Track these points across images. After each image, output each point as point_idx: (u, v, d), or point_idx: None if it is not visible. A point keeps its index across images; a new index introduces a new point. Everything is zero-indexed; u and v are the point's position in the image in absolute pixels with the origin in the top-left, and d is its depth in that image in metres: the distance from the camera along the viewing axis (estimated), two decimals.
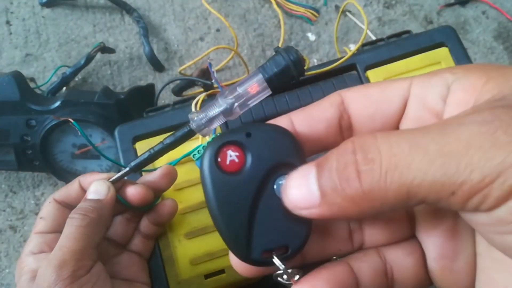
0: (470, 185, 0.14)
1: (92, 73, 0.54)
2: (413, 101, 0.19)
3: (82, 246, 0.27)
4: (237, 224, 0.18)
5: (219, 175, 0.18)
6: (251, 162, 0.18)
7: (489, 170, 0.14)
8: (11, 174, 0.50)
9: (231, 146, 0.18)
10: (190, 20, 0.55)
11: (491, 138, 0.14)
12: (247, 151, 0.18)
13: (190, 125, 0.30)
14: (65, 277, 0.25)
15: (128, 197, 0.31)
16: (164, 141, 0.31)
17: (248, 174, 0.18)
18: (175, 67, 0.54)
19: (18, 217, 0.49)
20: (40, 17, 0.56)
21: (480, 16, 0.54)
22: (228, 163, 0.18)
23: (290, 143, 0.19)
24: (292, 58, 0.29)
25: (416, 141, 0.15)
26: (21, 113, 0.44)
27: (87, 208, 0.29)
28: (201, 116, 0.29)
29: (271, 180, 0.18)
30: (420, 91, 0.19)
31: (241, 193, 0.18)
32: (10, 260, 0.47)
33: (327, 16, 0.55)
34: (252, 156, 0.18)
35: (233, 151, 0.18)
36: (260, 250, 0.18)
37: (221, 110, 0.29)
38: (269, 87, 0.29)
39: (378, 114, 0.20)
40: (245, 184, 0.18)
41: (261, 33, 0.54)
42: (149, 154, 0.31)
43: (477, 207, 0.15)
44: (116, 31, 0.55)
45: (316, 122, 0.20)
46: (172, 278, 0.34)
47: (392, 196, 0.15)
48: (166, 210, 0.33)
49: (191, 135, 0.31)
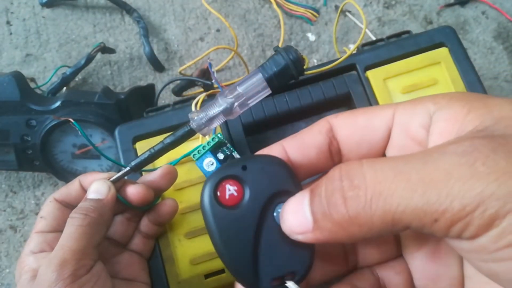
0: (451, 213, 0.15)
1: (92, 73, 0.54)
2: (397, 129, 0.20)
3: (83, 245, 0.27)
4: (243, 256, 0.18)
5: (219, 210, 0.18)
6: (250, 194, 0.18)
7: (469, 200, 0.15)
8: (11, 174, 0.50)
9: (229, 181, 0.18)
10: (190, 20, 0.56)
11: (470, 169, 0.15)
12: (245, 184, 0.18)
13: (190, 124, 0.30)
14: (65, 277, 0.25)
15: (128, 197, 0.31)
16: (164, 141, 0.31)
17: (248, 206, 0.18)
18: (175, 67, 0.54)
19: (18, 217, 0.49)
20: (40, 17, 0.56)
21: (480, 16, 0.54)
22: (228, 197, 0.18)
23: (284, 171, 0.19)
24: (292, 58, 0.29)
25: (399, 169, 0.16)
26: (21, 113, 0.44)
27: (87, 207, 0.29)
28: (201, 115, 0.29)
29: (271, 209, 0.19)
30: (403, 120, 0.20)
31: (243, 225, 0.18)
32: (11, 260, 0.47)
33: (327, 16, 0.55)
34: (250, 188, 0.18)
35: (231, 185, 0.18)
36: (268, 279, 0.18)
37: (221, 109, 0.29)
38: (269, 87, 0.29)
39: (364, 141, 0.20)
40: (246, 216, 0.18)
41: (261, 33, 0.54)
42: (149, 153, 0.31)
43: (460, 235, 0.15)
44: (116, 31, 0.55)
45: (307, 148, 0.21)
46: (172, 277, 0.34)
47: (378, 222, 0.16)
48: (167, 209, 0.33)
49: (191, 134, 0.31)
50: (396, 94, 0.37)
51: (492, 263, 0.15)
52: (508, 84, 0.51)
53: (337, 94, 0.38)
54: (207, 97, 0.38)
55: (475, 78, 0.38)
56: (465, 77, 0.38)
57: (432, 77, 0.38)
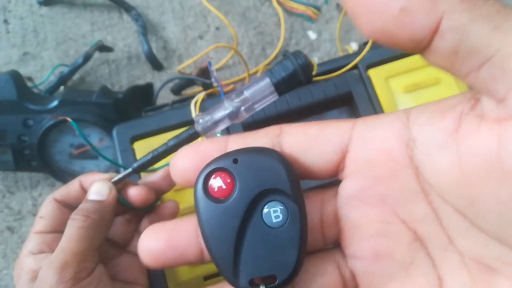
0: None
1: (90, 72, 0.53)
2: (357, 142, 0.18)
3: (84, 247, 0.27)
4: (225, 251, 0.17)
5: (208, 203, 0.18)
6: (238, 189, 0.18)
7: None
8: (8, 175, 0.50)
9: (220, 173, 0.18)
10: (189, 18, 0.55)
11: None
12: (235, 178, 0.18)
13: (196, 127, 0.29)
14: (67, 279, 0.25)
15: (129, 198, 0.31)
16: (168, 143, 0.31)
17: (235, 201, 0.18)
18: (174, 65, 0.53)
19: (15, 218, 0.48)
20: (38, 16, 0.55)
21: None
22: (216, 190, 0.18)
23: (279, 167, 0.18)
24: (301, 63, 0.29)
25: None
26: (18, 113, 0.43)
27: (89, 209, 0.28)
28: (207, 118, 0.29)
29: (259, 206, 0.18)
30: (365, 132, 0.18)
31: (228, 220, 0.17)
32: (8, 262, 0.47)
33: (328, 14, 0.54)
34: (239, 183, 0.18)
35: (221, 178, 0.18)
36: (247, 278, 0.17)
37: (227, 113, 0.29)
38: (276, 92, 0.29)
39: (312, 151, 0.19)
40: (232, 210, 0.17)
41: (261, 32, 0.54)
42: (152, 155, 0.31)
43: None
44: (114, 29, 0.55)
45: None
46: (171, 280, 0.34)
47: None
48: (168, 211, 0.33)
49: (196, 137, 0.30)
50: (398, 93, 0.37)
51: None
52: None
53: (339, 93, 0.37)
54: (206, 96, 0.38)
55: None
56: None
57: (434, 76, 0.38)
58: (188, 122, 0.37)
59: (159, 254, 0.19)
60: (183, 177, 0.19)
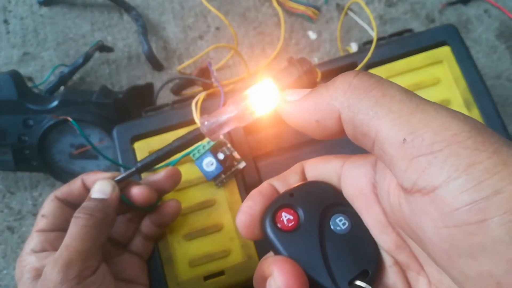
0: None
1: (90, 72, 0.53)
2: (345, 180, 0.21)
3: (88, 246, 0.27)
4: (317, 267, 0.20)
5: (283, 236, 0.20)
6: (304, 215, 0.21)
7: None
8: (8, 175, 0.50)
9: (283, 210, 0.21)
10: (190, 19, 0.55)
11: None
12: (297, 208, 0.21)
13: (201, 129, 0.29)
14: (71, 278, 0.25)
15: (132, 197, 0.31)
16: (172, 143, 0.31)
17: (306, 225, 0.21)
18: (174, 66, 0.53)
19: (15, 218, 0.48)
20: (38, 16, 0.55)
21: (482, 15, 0.54)
22: (286, 223, 0.21)
23: (329, 188, 0.22)
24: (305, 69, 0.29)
25: None
26: (18, 113, 0.43)
27: (92, 207, 0.28)
28: (212, 120, 0.29)
29: (327, 221, 0.21)
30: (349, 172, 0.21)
31: (308, 243, 0.20)
32: (8, 262, 0.47)
33: (328, 14, 0.54)
34: (303, 210, 0.21)
35: (286, 213, 0.21)
36: (345, 281, 0.20)
37: (232, 115, 0.29)
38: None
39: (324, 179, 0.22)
40: (308, 233, 0.20)
41: (261, 32, 0.54)
42: (156, 155, 0.31)
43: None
44: (114, 29, 0.55)
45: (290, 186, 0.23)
46: (171, 279, 0.34)
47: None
48: (170, 211, 0.33)
49: (201, 138, 0.31)
50: None
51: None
52: (510, 83, 0.51)
53: None
54: (206, 97, 0.38)
55: (478, 77, 0.37)
56: (468, 76, 0.37)
57: (434, 76, 0.38)
58: (188, 122, 0.37)
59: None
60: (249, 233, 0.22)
